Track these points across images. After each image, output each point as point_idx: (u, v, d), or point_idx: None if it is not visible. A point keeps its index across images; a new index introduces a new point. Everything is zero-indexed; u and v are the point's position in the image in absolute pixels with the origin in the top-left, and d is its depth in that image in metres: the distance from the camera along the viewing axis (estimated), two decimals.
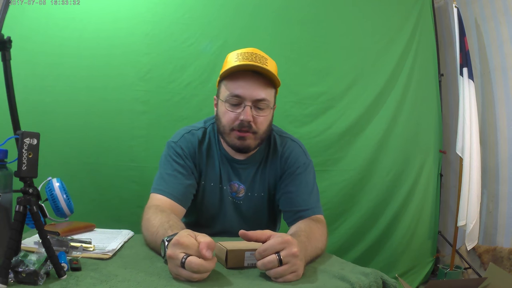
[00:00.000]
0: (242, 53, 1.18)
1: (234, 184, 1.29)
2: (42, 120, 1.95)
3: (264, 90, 1.16)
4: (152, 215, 1.03)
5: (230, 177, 1.29)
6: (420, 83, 2.71)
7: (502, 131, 2.54)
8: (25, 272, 0.65)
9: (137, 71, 2.10)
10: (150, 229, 0.98)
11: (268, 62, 1.18)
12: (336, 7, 2.54)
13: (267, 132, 1.22)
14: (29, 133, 0.69)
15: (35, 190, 0.71)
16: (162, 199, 1.15)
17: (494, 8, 2.57)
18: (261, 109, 1.17)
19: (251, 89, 1.15)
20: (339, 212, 2.48)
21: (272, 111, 1.23)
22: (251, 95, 1.15)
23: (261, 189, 1.31)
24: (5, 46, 0.93)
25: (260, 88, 1.16)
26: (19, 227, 0.68)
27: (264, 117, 1.18)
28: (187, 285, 0.73)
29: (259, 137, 1.20)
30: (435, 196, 2.76)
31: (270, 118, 1.23)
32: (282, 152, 1.30)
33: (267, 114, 1.19)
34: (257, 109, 1.16)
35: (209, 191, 1.29)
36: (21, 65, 1.85)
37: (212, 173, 1.28)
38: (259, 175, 1.30)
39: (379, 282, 0.86)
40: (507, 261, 2.35)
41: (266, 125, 1.20)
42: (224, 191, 1.29)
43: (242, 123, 1.15)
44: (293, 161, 1.28)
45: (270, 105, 1.19)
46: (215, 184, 1.28)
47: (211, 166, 1.28)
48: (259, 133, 1.19)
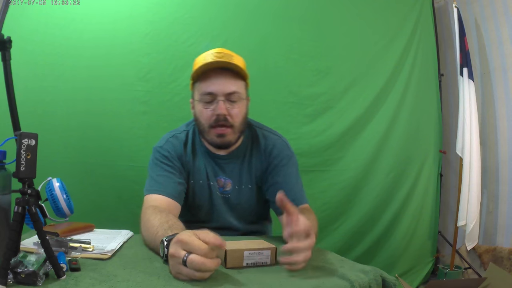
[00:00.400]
0: (209, 54, 1.25)
1: (220, 179, 1.34)
2: (42, 120, 1.94)
3: (234, 83, 1.23)
4: (151, 215, 1.05)
5: (216, 173, 1.34)
6: (420, 83, 2.71)
7: (502, 131, 2.54)
8: (24, 273, 0.65)
9: (137, 71, 2.10)
10: (150, 230, 0.99)
11: (234, 58, 1.24)
12: (336, 7, 2.54)
13: (243, 124, 1.28)
14: (27, 134, 0.69)
15: (34, 191, 0.71)
16: (158, 198, 1.18)
17: (494, 8, 2.57)
18: (234, 102, 1.23)
19: (221, 85, 1.21)
20: (339, 212, 2.47)
21: (245, 103, 1.29)
22: (222, 90, 1.21)
23: (248, 181, 1.35)
24: (5, 46, 0.94)
25: (229, 82, 1.22)
26: (17, 228, 0.68)
27: (238, 109, 1.24)
28: (187, 285, 0.73)
29: (237, 131, 1.25)
30: (435, 196, 2.76)
31: (245, 110, 1.28)
32: (265, 145, 1.36)
33: (241, 105, 1.25)
34: (230, 102, 1.22)
35: (199, 189, 1.33)
36: (21, 65, 1.85)
37: (199, 171, 1.33)
38: (245, 168, 1.35)
39: (379, 280, 0.86)
40: (507, 261, 2.35)
41: (242, 117, 1.26)
42: (212, 187, 1.33)
43: (218, 118, 1.21)
44: (276, 153, 1.34)
45: (242, 97, 1.25)
46: (203, 181, 1.33)
47: (197, 165, 1.33)
48: (236, 126, 1.24)
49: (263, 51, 2.32)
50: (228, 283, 0.76)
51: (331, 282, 0.80)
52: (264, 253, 0.90)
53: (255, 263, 0.89)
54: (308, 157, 2.38)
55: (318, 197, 2.40)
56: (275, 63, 2.33)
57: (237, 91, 1.22)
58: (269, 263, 0.91)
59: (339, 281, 0.81)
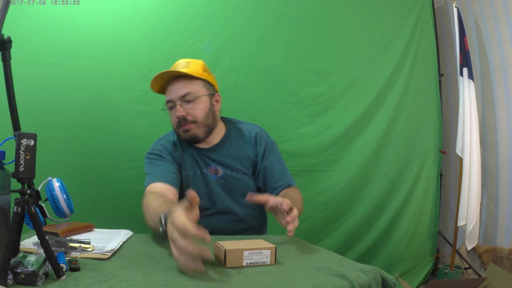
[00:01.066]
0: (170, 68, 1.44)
1: (211, 167, 1.47)
2: (42, 120, 1.94)
3: (186, 86, 1.38)
4: (150, 201, 1.16)
5: (206, 163, 1.47)
6: (420, 83, 2.71)
7: (502, 131, 2.54)
8: (24, 273, 0.66)
9: (137, 71, 2.10)
10: (151, 212, 1.09)
11: (191, 64, 1.42)
12: (335, 8, 2.53)
13: (207, 118, 1.41)
14: (26, 134, 0.69)
15: (33, 191, 0.71)
16: (154, 186, 1.31)
17: (494, 8, 2.57)
18: (191, 101, 1.38)
19: (174, 91, 1.39)
20: (339, 212, 2.47)
21: (206, 99, 1.42)
22: (175, 95, 1.39)
23: (240, 167, 1.49)
24: (5, 46, 0.93)
25: (182, 87, 1.38)
26: (17, 228, 0.68)
27: (195, 106, 1.38)
28: (186, 284, 0.73)
29: (201, 124, 1.40)
30: (435, 196, 2.76)
31: (207, 105, 1.42)
32: (248, 134, 1.53)
33: (198, 103, 1.39)
34: (187, 103, 1.38)
35: (192, 179, 1.46)
36: (21, 65, 1.85)
37: (189, 164, 1.47)
38: (232, 156, 1.48)
39: (379, 279, 0.86)
40: (507, 261, 2.35)
41: (203, 112, 1.40)
42: (205, 174, 1.47)
43: (179, 119, 1.38)
44: (260, 141, 1.51)
45: (198, 94, 1.39)
46: (194, 171, 1.46)
47: (186, 158, 1.47)
48: (199, 121, 1.39)
49: (263, 52, 2.32)
50: (228, 283, 0.76)
51: (331, 282, 0.80)
52: (264, 253, 0.90)
53: (255, 263, 0.89)
54: (308, 157, 2.38)
55: (318, 197, 2.40)
56: (275, 64, 2.33)
57: (190, 91, 1.38)
58: (269, 263, 0.91)
59: (339, 281, 0.81)
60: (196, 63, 1.45)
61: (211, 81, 1.47)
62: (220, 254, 0.89)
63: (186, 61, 1.45)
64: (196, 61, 1.47)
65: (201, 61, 1.48)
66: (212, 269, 0.85)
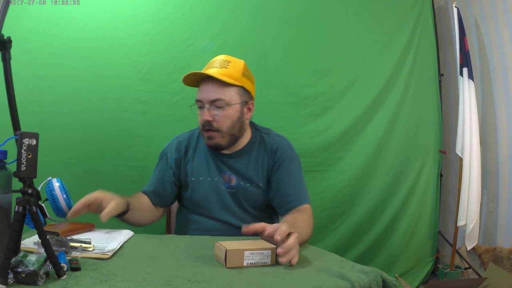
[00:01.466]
0: (211, 61, 1.39)
1: (225, 175, 1.42)
2: (42, 120, 1.94)
3: (219, 91, 1.31)
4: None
5: (221, 169, 1.43)
6: (420, 83, 2.71)
7: (502, 131, 2.54)
8: (25, 273, 0.66)
9: (137, 71, 2.10)
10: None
11: (230, 64, 1.35)
12: (335, 7, 2.53)
13: (233, 128, 1.36)
14: (28, 133, 0.69)
15: (34, 190, 0.71)
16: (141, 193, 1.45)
17: (494, 8, 2.57)
18: (220, 108, 1.32)
19: (205, 93, 1.33)
20: (339, 212, 2.47)
21: (236, 107, 1.35)
22: (205, 97, 1.32)
23: (256, 179, 1.42)
24: (5, 46, 0.94)
25: (213, 90, 1.31)
26: (18, 228, 0.68)
27: (223, 115, 1.32)
28: (187, 284, 0.73)
29: (225, 134, 1.35)
30: (435, 196, 2.76)
31: (236, 115, 1.35)
32: (271, 146, 1.44)
33: (227, 111, 1.32)
34: (216, 108, 1.32)
35: (199, 185, 1.43)
36: (21, 65, 1.85)
37: (199, 169, 1.43)
38: (252, 167, 1.42)
39: (379, 280, 0.86)
40: (507, 261, 2.35)
41: (229, 122, 1.34)
42: (216, 182, 1.42)
43: (204, 123, 1.33)
44: (280, 154, 1.43)
45: (229, 103, 1.32)
46: (204, 178, 1.43)
47: (197, 163, 1.44)
48: (223, 130, 1.34)
49: (263, 52, 2.32)
50: (228, 283, 0.76)
51: (332, 283, 0.80)
52: (265, 253, 0.90)
53: (256, 263, 0.89)
54: (308, 157, 2.38)
55: (318, 197, 2.40)
56: (275, 64, 2.33)
57: (221, 98, 1.31)
58: (270, 263, 0.91)
59: (340, 282, 0.81)
60: (236, 64, 1.37)
61: (248, 87, 1.39)
62: (220, 254, 0.89)
63: (226, 59, 1.37)
64: (237, 61, 1.38)
65: (243, 62, 1.40)
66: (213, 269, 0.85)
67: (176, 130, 1.65)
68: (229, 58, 1.37)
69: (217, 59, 1.37)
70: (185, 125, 2.00)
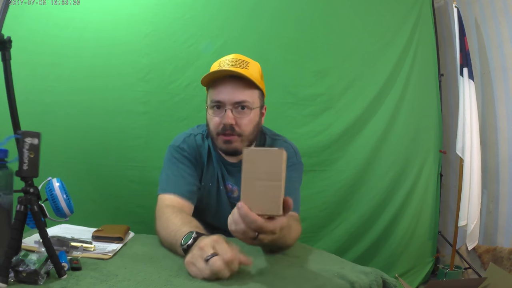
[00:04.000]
0: (224, 60, 1.24)
1: (228, 185, 1.35)
2: (42, 120, 1.94)
3: (243, 92, 1.20)
4: (171, 214, 1.06)
5: (225, 178, 1.34)
6: (419, 83, 2.71)
7: (502, 131, 2.54)
8: (26, 272, 0.66)
9: (137, 72, 2.10)
10: (171, 227, 1.00)
11: (250, 65, 1.23)
12: (335, 8, 2.53)
13: (253, 133, 1.26)
14: (30, 132, 0.69)
15: (35, 190, 0.71)
16: (173, 198, 1.19)
17: (494, 8, 2.58)
18: (243, 111, 1.21)
19: (229, 93, 1.20)
20: (338, 211, 2.47)
21: (257, 111, 1.26)
22: (230, 99, 1.20)
23: None
24: (5, 46, 0.93)
25: (238, 91, 1.20)
26: (19, 227, 0.68)
27: (247, 118, 1.22)
28: (187, 283, 0.73)
29: (245, 139, 1.24)
30: (435, 196, 2.76)
31: (256, 119, 1.26)
32: None
33: (250, 115, 1.22)
34: (239, 111, 1.21)
35: (207, 192, 1.34)
36: (21, 65, 1.85)
37: (210, 175, 1.34)
38: None
39: (379, 281, 0.86)
40: (507, 261, 2.35)
41: (251, 126, 1.24)
42: (221, 191, 1.35)
43: (225, 127, 1.20)
44: None
45: (252, 106, 1.22)
46: (212, 184, 1.34)
47: (209, 168, 1.34)
48: (245, 135, 1.23)
49: (262, 52, 2.32)
50: (228, 283, 0.76)
51: (332, 283, 0.80)
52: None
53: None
54: (307, 157, 2.37)
55: (317, 197, 2.40)
56: (274, 64, 2.33)
57: (247, 100, 1.21)
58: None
59: (340, 282, 0.81)
60: (255, 65, 1.26)
61: (264, 91, 1.30)
62: None
63: (244, 59, 1.25)
64: (255, 63, 1.27)
65: (258, 64, 1.30)
66: None
67: (176, 130, 1.65)
68: (247, 59, 1.26)
69: (233, 58, 1.24)
70: (185, 125, 2.00)
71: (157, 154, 1.53)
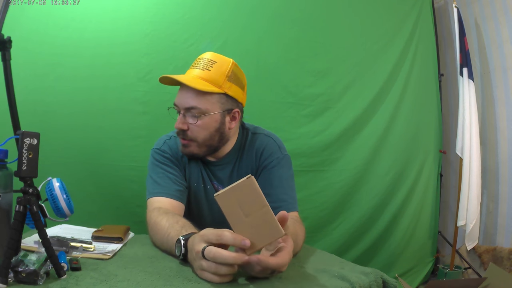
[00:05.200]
0: (196, 59, 1.22)
1: (214, 184, 1.33)
2: (42, 120, 1.94)
3: (195, 98, 1.16)
4: (157, 217, 1.04)
5: (210, 177, 1.32)
6: (420, 83, 2.71)
7: (502, 131, 2.54)
8: (25, 272, 0.65)
9: (137, 72, 2.10)
10: (160, 232, 0.99)
11: (215, 66, 1.18)
12: (334, 8, 2.53)
13: (211, 139, 1.21)
14: (29, 133, 0.69)
15: (35, 190, 0.71)
16: (161, 200, 1.17)
17: (494, 8, 2.57)
18: (196, 117, 1.17)
19: (181, 98, 1.18)
20: (338, 212, 2.48)
21: (215, 117, 1.19)
22: (180, 103, 1.18)
23: None
24: (5, 46, 0.94)
25: (190, 97, 1.16)
26: (19, 227, 0.68)
27: (199, 125, 1.17)
28: (187, 284, 0.73)
29: (201, 145, 1.21)
30: (435, 196, 2.76)
31: (214, 125, 1.19)
32: (257, 147, 1.31)
33: (202, 121, 1.17)
34: (192, 117, 1.17)
35: (193, 191, 1.32)
36: (21, 65, 1.85)
37: (194, 175, 1.31)
38: (235, 174, 1.31)
39: (379, 281, 0.86)
40: (507, 261, 2.35)
41: (206, 133, 1.19)
42: (209, 190, 1.32)
43: (178, 131, 1.20)
44: (266, 155, 1.29)
45: (206, 112, 1.17)
46: (198, 184, 1.32)
47: (193, 168, 1.31)
48: (199, 141, 1.20)
49: (262, 52, 2.32)
50: (228, 284, 0.76)
51: (332, 283, 0.80)
52: None
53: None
54: (307, 157, 2.38)
55: (317, 197, 2.40)
56: (274, 64, 2.33)
57: (197, 106, 1.15)
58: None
59: (340, 283, 0.81)
60: (221, 66, 1.18)
61: (232, 94, 1.20)
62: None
63: (211, 59, 1.19)
64: (224, 62, 1.19)
65: (231, 61, 1.20)
66: None
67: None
68: (215, 58, 1.19)
69: (203, 57, 1.20)
70: None
71: None
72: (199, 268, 0.76)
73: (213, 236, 0.75)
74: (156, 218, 1.04)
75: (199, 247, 0.75)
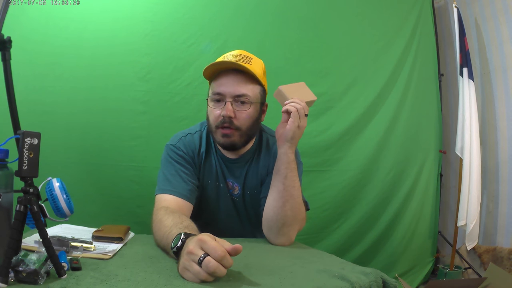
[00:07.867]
0: (227, 55, 1.25)
1: (229, 182, 1.33)
2: (42, 120, 1.94)
3: (245, 86, 1.21)
4: (163, 216, 1.05)
5: (225, 175, 1.33)
6: (420, 83, 2.71)
7: (502, 131, 2.54)
8: (26, 272, 0.65)
9: (137, 71, 2.10)
10: (163, 229, 0.99)
11: (253, 61, 1.23)
12: (335, 8, 2.54)
13: (252, 128, 1.25)
14: (30, 132, 0.69)
15: (35, 190, 0.71)
16: (169, 199, 1.18)
17: (494, 8, 2.58)
18: (243, 104, 1.21)
19: (230, 86, 1.20)
20: (339, 212, 2.47)
21: (257, 107, 1.25)
22: (230, 91, 1.20)
23: (254, 186, 1.33)
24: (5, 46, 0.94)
25: (240, 84, 1.20)
26: (19, 227, 0.68)
27: (246, 112, 1.21)
28: (187, 284, 0.73)
29: (244, 134, 1.23)
30: (435, 196, 2.76)
31: (256, 115, 1.25)
32: (272, 147, 1.35)
33: (250, 109, 1.22)
34: (239, 104, 1.20)
35: (207, 189, 1.33)
36: (21, 65, 1.85)
37: (209, 172, 1.32)
38: (251, 173, 1.33)
39: (379, 281, 0.86)
40: (507, 261, 2.35)
41: (250, 121, 1.23)
42: (221, 188, 1.33)
43: (224, 120, 1.19)
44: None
45: (253, 100, 1.22)
46: (212, 182, 1.33)
47: (208, 166, 1.32)
48: (243, 129, 1.22)
49: (263, 52, 2.31)
50: (228, 283, 0.76)
51: (332, 284, 0.80)
52: None
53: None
54: (309, 157, 2.38)
55: (318, 197, 2.40)
56: (275, 64, 2.33)
57: (247, 94, 1.20)
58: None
59: (340, 283, 0.80)
60: (258, 62, 1.27)
61: (266, 89, 1.31)
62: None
63: (247, 55, 1.25)
64: (258, 59, 1.28)
65: (262, 61, 1.30)
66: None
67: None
68: (250, 55, 1.26)
69: (237, 53, 1.24)
70: (185, 125, 2.00)
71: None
72: (185, 268, 0.75)
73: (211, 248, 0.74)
74: (162, 217, 1.05)
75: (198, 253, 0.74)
